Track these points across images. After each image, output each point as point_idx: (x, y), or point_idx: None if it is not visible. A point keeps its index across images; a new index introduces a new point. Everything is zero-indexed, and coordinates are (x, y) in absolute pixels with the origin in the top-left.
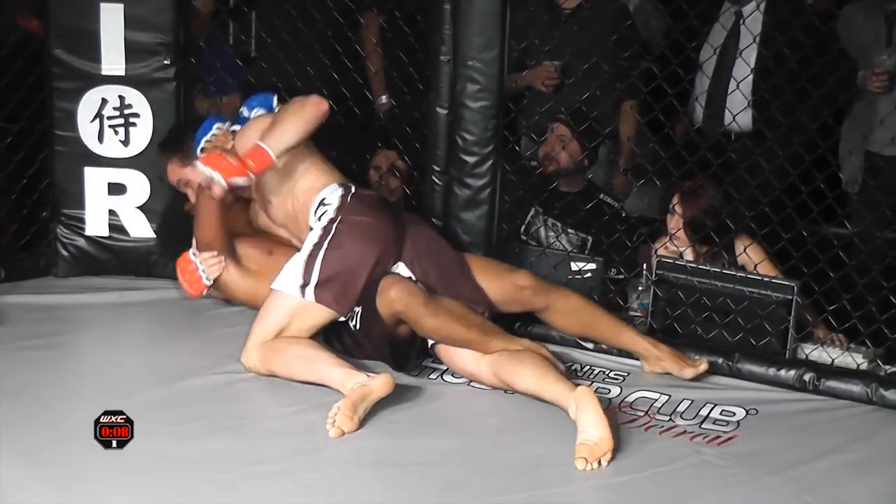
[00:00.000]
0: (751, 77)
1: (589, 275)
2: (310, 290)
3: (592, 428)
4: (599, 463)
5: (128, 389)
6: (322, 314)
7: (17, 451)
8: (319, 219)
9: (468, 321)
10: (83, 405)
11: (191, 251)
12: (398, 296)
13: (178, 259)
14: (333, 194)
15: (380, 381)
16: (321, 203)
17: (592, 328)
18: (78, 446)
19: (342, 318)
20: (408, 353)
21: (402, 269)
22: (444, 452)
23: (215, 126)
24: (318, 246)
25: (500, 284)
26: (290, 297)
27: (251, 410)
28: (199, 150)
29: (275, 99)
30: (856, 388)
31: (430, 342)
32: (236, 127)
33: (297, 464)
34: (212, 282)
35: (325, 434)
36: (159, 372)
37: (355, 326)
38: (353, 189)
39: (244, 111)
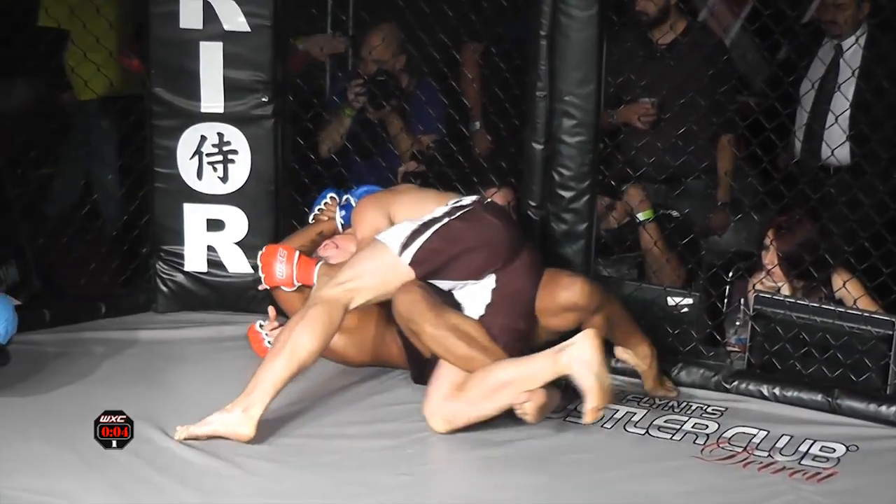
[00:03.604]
0: (849, 111)
1: (686, 310)
2: (408, 253)
3: (605, 373)
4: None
5: None
6: (407, 278)
7: (114, 485)
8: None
9: (471, 339)
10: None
11: (257, 324)
12: (400, 299)
13: (249, 328)
14: (468, 197)
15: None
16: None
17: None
18: (175, 480)
19: None
20: (424, 368)
21: (489, 280)
22: (535, 489)
23: (329, 196)
24: (437, 220)
25: (549, 297)
26: (389, 253)
27: (348, 444)
28: (311, 217)
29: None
30: None
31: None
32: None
33: (392, 497)
34: None
35: (421, 465)
36: None
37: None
38: (488, 199)
39: (351, 201)
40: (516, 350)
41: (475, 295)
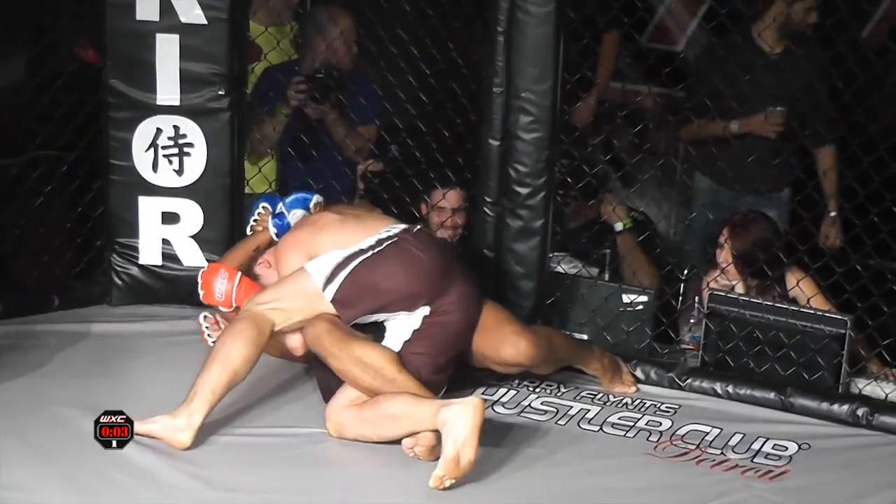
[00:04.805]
0: None
1: (640, 307)
2: (331, 288)
3: (469, 447)
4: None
5: None
6: (328, 312)
7: (67, 477)
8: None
9: (376, 372)
10: None
11: (201, 315)
12: (306, 333)
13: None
14: (396, 227)
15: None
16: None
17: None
18: (128, 474)
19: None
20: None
21: (423, 309)
22: (488, 485)
23: (261, 205)
24: (362, 252)
25: (492, 348)
26: (312, 284)
27: (304, 440)
28: (248, 229)
29: (314, 199)
30: None
31: None
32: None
33: (348, 495)
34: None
35: (378, 461)
36: None
37: None
38: (417, 227)
39: (283, 209)
40: (433, 382)
41: (405, 321)
